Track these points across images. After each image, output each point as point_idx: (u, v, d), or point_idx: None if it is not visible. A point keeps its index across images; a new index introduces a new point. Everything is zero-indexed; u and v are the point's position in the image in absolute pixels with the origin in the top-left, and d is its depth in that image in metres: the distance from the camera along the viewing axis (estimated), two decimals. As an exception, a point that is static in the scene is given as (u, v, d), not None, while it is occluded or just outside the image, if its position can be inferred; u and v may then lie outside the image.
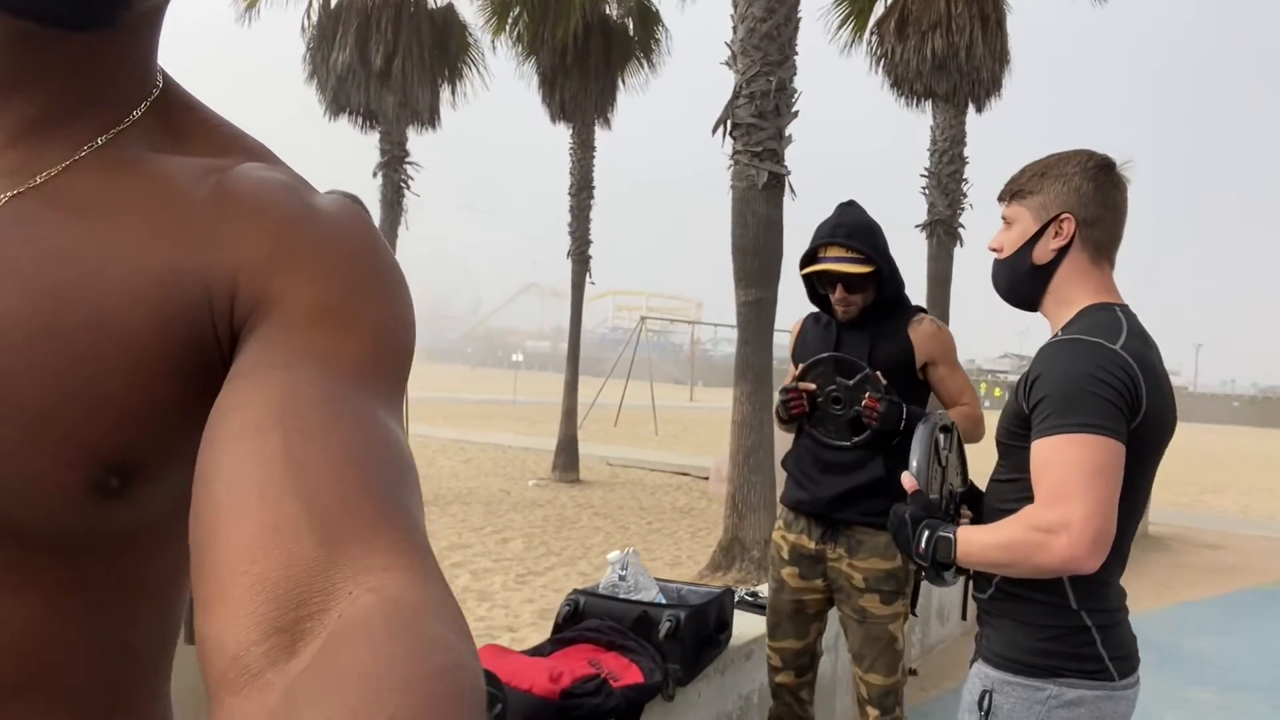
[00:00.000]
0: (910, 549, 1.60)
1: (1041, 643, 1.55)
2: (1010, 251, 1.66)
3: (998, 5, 11.21)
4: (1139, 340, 1.53)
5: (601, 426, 22.81)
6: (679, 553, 8.04)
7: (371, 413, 0.51)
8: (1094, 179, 1.62)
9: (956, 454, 1.84)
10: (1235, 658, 5.48)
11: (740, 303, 7.35)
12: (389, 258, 0.61)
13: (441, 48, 12.70)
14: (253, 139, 0.67)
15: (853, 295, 2.62)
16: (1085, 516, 1.38)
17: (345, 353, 0.53)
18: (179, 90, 0.66)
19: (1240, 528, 11.73)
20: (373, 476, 0.46)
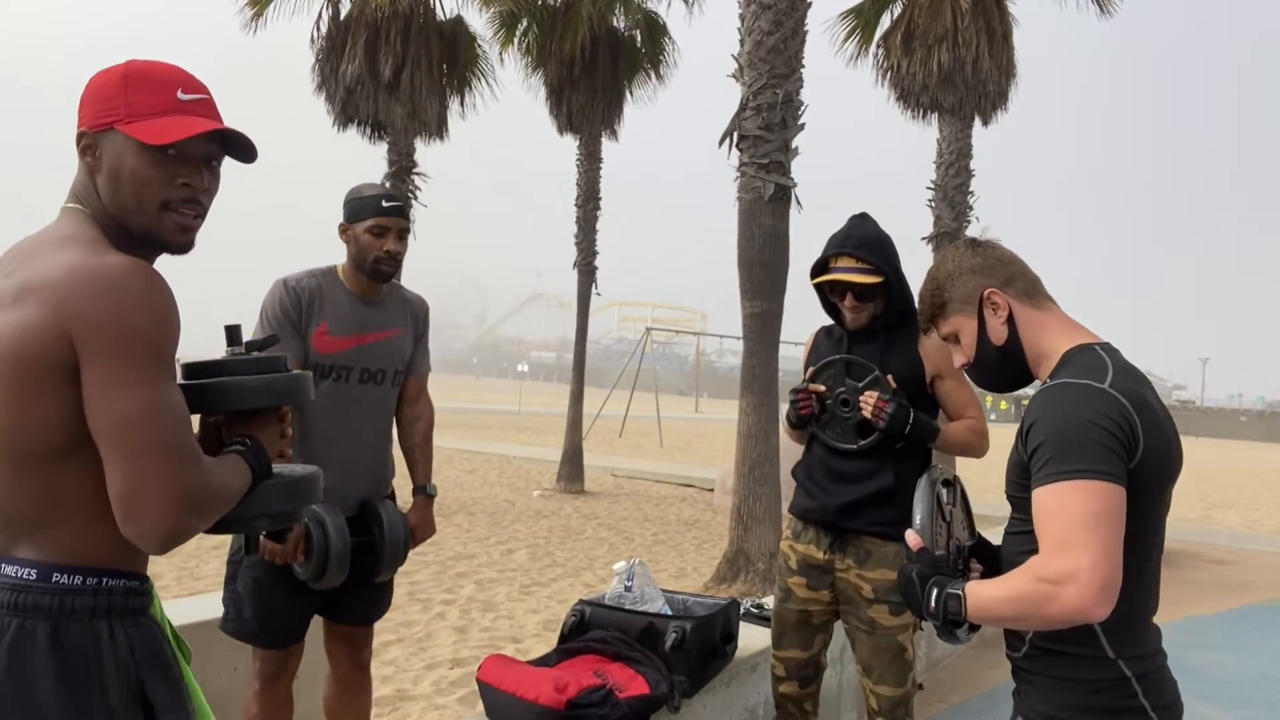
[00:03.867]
0: (921, 609, 1.59)
1: (1082, 698, 1.52)
2: (975, 352, 1.72)
3: (1004, 19, 11.23)
4: (1127, 377, 1.53)
5: (607, 437, 22.80)
6: (684, 564, 8.03)
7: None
8: (975, 254, 1.72)
9: (961, 507, 1.82)
10: (1242, 673, 5.45)
11: (746, 314, 7.36)
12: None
13: (450, 59, 12.75)
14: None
15: (862, 304, 2.65)
16: (1092, 565, 1.37)
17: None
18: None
19: (1247, 543, 11.67)
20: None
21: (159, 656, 1.37)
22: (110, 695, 1.29)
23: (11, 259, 1.35)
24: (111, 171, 1.36)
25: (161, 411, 1.25)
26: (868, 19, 12.08)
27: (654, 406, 27.13)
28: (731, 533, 7.24)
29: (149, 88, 1.38)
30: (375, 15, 11.89)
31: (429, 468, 2.85)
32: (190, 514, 1.26)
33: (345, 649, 2.76)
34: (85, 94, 1.40)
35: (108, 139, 1.37)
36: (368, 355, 2.63)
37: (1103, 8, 11.60)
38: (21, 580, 1.29)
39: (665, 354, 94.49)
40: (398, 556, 2.62)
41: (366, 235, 2.59)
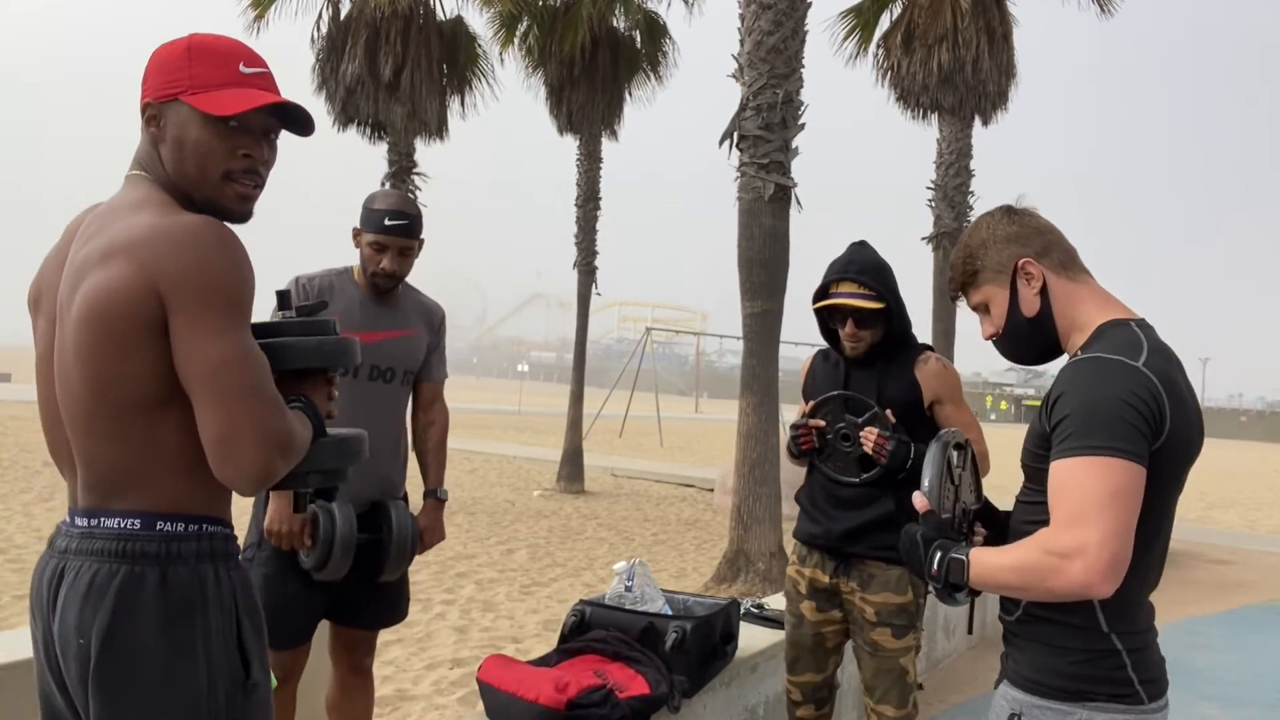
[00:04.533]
0: (923, 570, 1.59)
1: (1071, 666, 1.53)
2: (1004, 323, 1.67)
3: (1004, 19, 11.24)
4: (1161, 357, 1.51)
5: (607, 437, 22.80)
6: (684, 564, 8.03)
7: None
8: (1012, 222, 1.67)
9: (970, 471, 1.81)
10: (1242, 673, 5.46)
11: (746, 314, 7.36)
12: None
13: (450, 59, 12.75)
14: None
15: (862, 331, 2.66)
16: (1101, 541, 1.36)
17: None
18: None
19: (1248, 543, 11.68)
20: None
21: (253, 603, 1.44)
22: (212, 636, 1.36)
23: (89, 225, 1.40)
24: (175, 141, 1.41)
25: (247, 358, 1.32)
26: (868, 19, 12.09)
27: (654, 406, 27.13)
28: (731, 533, 7.24)
29: (212, 61, 1.42)
30: (375, 15, 11.89)
31: (441, 472, 2.86)
32: (279, 456, 1.32)
33: (347, 653, 2.75)
34: (149, 66, 1.44)
35: (172, 109, 1.41)
36: (378, 352, 2.64)
37: (1103, 7, 11.61)
38: (127, 530, 1.34)
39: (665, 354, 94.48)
40: (404, 557, 2.61)
41: (368, 249, 2.63)
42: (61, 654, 1.36)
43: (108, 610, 1.31)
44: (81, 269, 1.34)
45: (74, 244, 1.41)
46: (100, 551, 1.34)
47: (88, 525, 1.37)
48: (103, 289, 1.30)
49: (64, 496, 8.47)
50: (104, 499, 1.37)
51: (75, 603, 1.33)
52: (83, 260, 1.35)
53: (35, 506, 8.53)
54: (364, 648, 2.78)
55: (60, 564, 1.37)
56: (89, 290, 1.32)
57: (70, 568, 1.35)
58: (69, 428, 1.38)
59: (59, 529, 1.43)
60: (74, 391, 1.35)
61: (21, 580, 5.75)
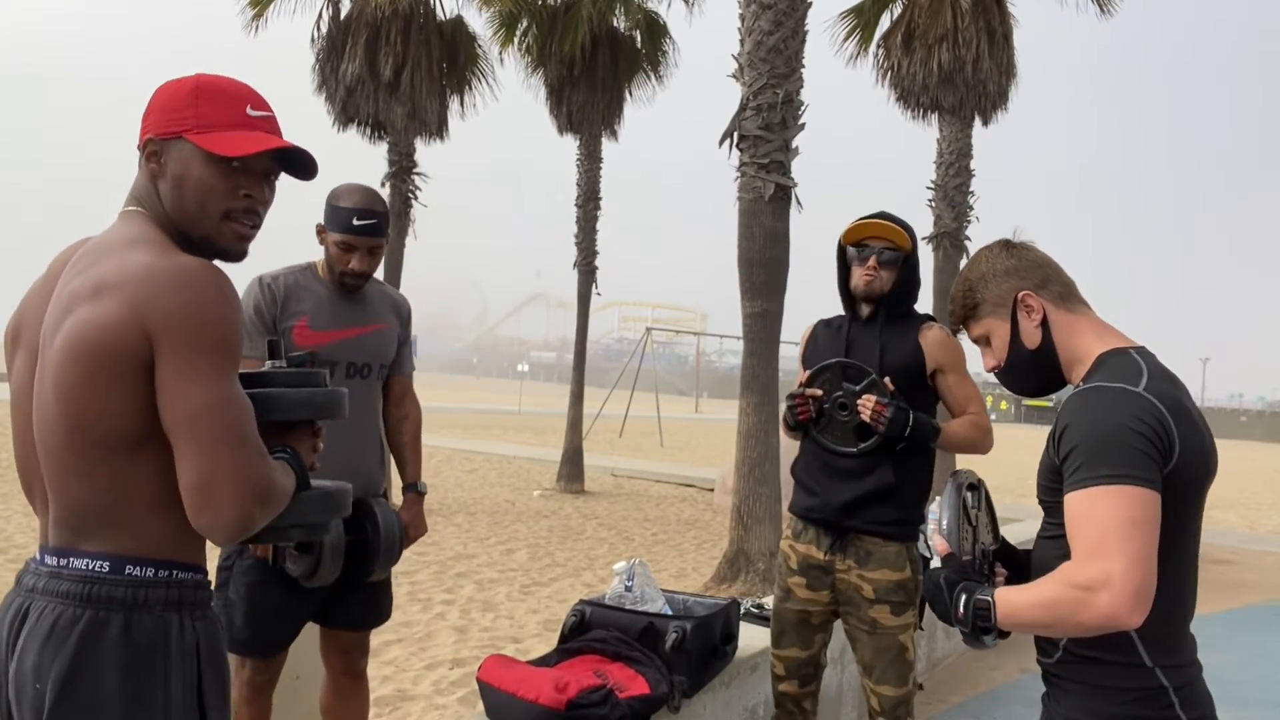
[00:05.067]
0: (950, 616, 1.57)
1: (1118, 707, 1.49)
2: (1006, 356, 1.69)
3: (1004, 19, 11.23)
4: (1163, 380, 1.50)
5: (607, 437, 22.80)
6: (684, 564, 8.03)
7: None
8: (1010, 256, 1.69)
9: (986, 511, 1.79)
10: (1243, 673, 5.45)
11: (746, 314, 7.36)
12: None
13: (450, 59, 12.74)
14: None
15: (883, 270, 2.67)
16: (1125, 571, 1.35)
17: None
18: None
19: (1248, 543, 11.67)
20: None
21: (218, 653, 1.41)
22: (173, 687, 1.33)
23: (80, 259, 1.38)
24: (176, 178, 1.41)
25: (232, 403, 1.30)
26: (868, 19, 12.08)
27: (654, 406, 27.13)
28: (731, 533, 7.24)
29: (219, 101, 1.43)
30: (375, 15, 11.89)
31: (419, 465, 2.83)
32: (257, 506, 1.29)
33: (341, 656, 2.71)
34: (153, 103, 1.44)
35: (175, 147, 1.41)
36: (353, 349, 2.60)
37: (1103, 7, 11.60)
38: (93, 573, 1.32)
39: (665, 354, 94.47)
40: (393, 554, 2.58)
41: (334, 248, 2.55)
42: (15, 699, 1.33)
43: (67, 656, 1.28)
44: (70, 302, 1.32)
45: (62, 277, 1.38)
46: (66, 594, 1.31)
47: (56, 564, 1.34)
48: (90, 324, 1.28)
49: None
50: (74, 538, 1.34)
51: (35, 646, 1.30)
52: (71, 294, 1.33)
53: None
54: (358, 650, 2.74)
55: (25, 603, 1.34)
56: (76, 324, 1.30)
57: (35, 608, 1.32)
58: (43, 464, 1.36)
59: (27, 566, 1.40)
60: (50, 427, 1.33)
61: (21, 580, 5.75)
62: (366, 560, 2.55)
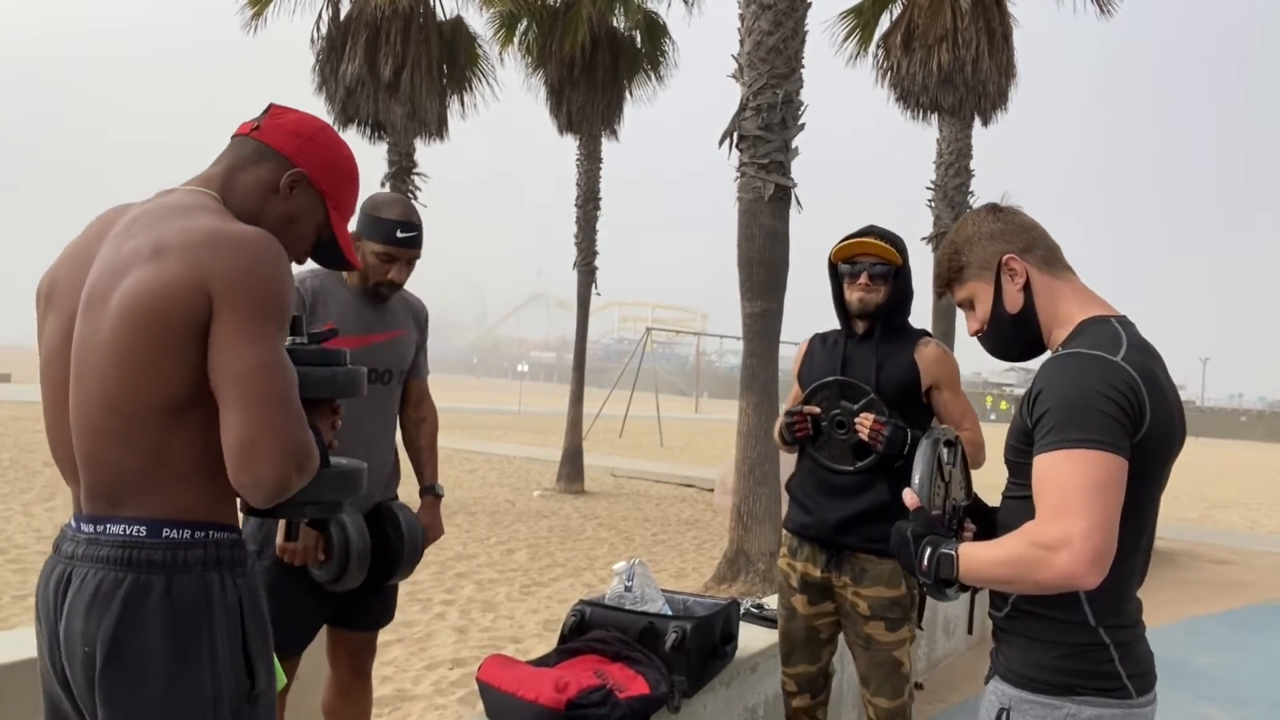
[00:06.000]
0: (913, 566, 1.60)
1: (1059, 660, 1.54)
2: (988, 319, 1.70)
3: (1004, 19, 11.24)
4: (1140, 352, 1.53)
5: (607, 437, 22.79)
6: (684, 564, 8.03)
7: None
8: (997, 219, 1.70)
9: (960, 468, 1.83)
10: (1243, 673, 5.45)
11: (746, 314, 7.36)
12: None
13: (450, 59, 12.75)
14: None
15: (875, 285, 2.68)
16: (1086, 532, 1.37)
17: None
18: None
19: (1249, 543, 11.67)
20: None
21: (259, 608, 1.44)
22: (218, 643, 1.36)
23: (135, 222, 1.40)
24: (292, 215, 1.52)
25: (282, 369, 1.33)
26: (867, 19, 12.08)
27: (654, 406, 27.13)
28: (731, 533, 7.24)
29: (353, 196, 1.62)
30: (375, 15, 11.89)
31: (435, 468, 2.86)
32: (296, 470, 1.32)
33: (349, 656, 2.73)
34: (319, 146, 1.54)
35: (312, 195, 1.53)
36: (376, 355, 2.61)
37: (1102, 8, 11.60)
38: (132, 537, 1.34)
39: (665, 354, 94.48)
40: (415, 557, 2.60)
41: (374, 258, 2.55)
42: (67, 660, 1.35)
43: (113, 618, 1.31)
44: (126, 264, 1.34)
45: (110, 240, 1.40)
46: (106, 559, 1.33)
47: (93, 531, 1.36)
48: (151, 285, 1.30)
49: (65, 497, 8.45)
50: (110, 505, 1.36)
51: (81, 609, 1.32)
52: (128, 255, 1.34)
53: (35, 506, 8.52)
54: (366, 651, 2.76)
55: (67, 569, 1.37)
56: (135, 285, 1.31)
57: (77, 574, 1.35)
58: (77, 428, 1.37)
59: (64, 533, 1.42)
60: (93, 389, 1.33)
61: (22, 581, 5.75)
62: (390, 564, 2.56)
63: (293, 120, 1.54)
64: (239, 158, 1.50)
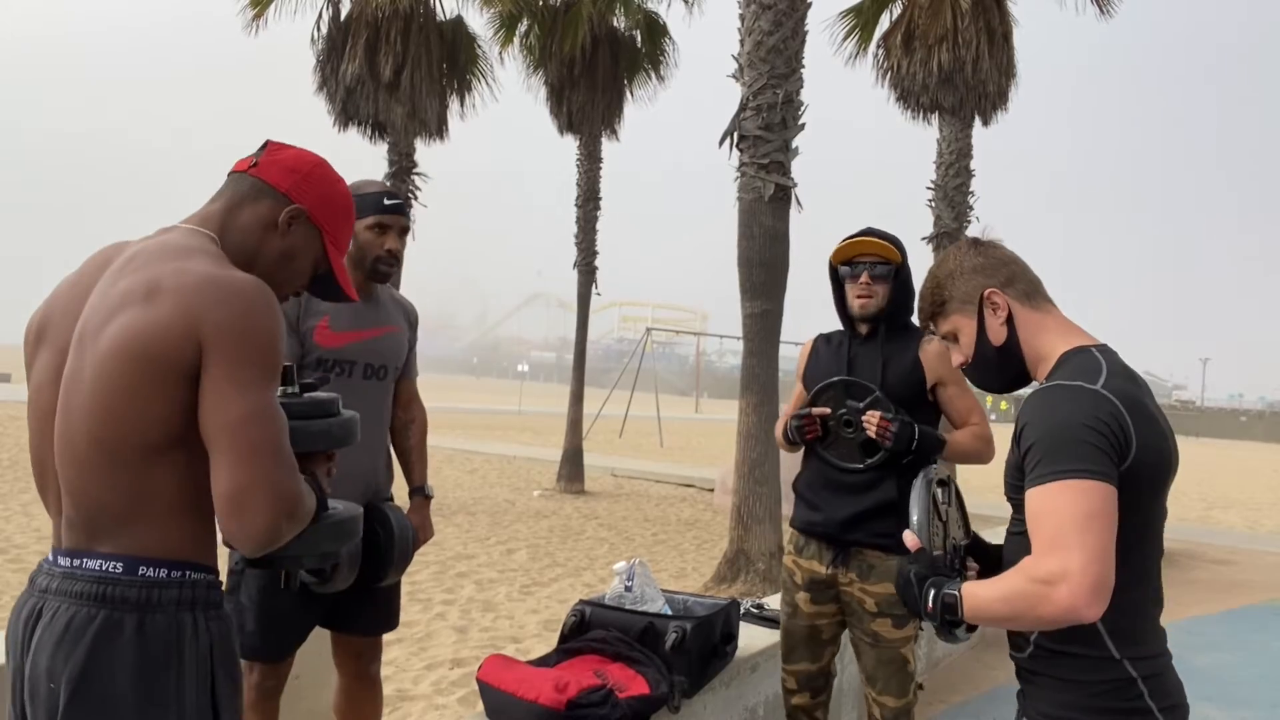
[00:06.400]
0: (919, 609, 1.59)
1: (1089, 699, 1.52)
2: (972, 352, 1.72)
3: (1004, 19, 11.23)
4: (1122, 379, 1.53)
5: (607, 437, 22.80)
6: (684, 564, 8.03)
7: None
8: (977, 254, 1.72)
9: (956, 507, 1.83)
10: (1242, 673, 5.46)
11: (746, 314, 7.36)
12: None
13: (450, 59, 12.75)
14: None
15: (875, 285, 2.69)
16: (1083, 565, 1.37)
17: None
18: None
19: (1248, 543, 11.67)
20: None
21: (231, 654, 1.42)
22: (186, 687, 1.34)
23: (131, 261, 1.40)
24: (290, 251, 1.54)
25: (272, 417, 1.32)
26: (867, 19, 12.08)
27: (654, 406, 27.13)
28: (731, 533, 7.24)
29: (348, 232, 1.64)
30: (375, 15, 11.89)
31: (425, 469, 2.84)
32: (287, 519, 1.31)
33: (353, 662, 2.72)
34: (316, 182, 1.55)
35: (310, 230, 1.55)
36: (370, 350, 2.61)
37: (1102, 8, 11.60)
38: (108, 574, 1.33)
39: (665, 354, 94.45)
40: (405, 559, 2.57)
41: (367, 233, 2.56)
42: (29, 698, 1.33)
43: (81, 656, 1.29)
44: (120, 303, 1.33)
45: (105, 277, 1.39)
46: (79, 594, 1.31)
47: (69, 565, 1.34)
48: (141, 325, 1.30)
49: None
50: (89, 539, 1.34)
51: (49, 645, 1.30)
52: (121, 294, 1.34)
53: (35, 506, 8.52)
54: (369, 654, 2.75)
55: (38, 604, 1.35)
56: (126, 324, 1.31)
57: (48, 608, 1.33)
58: (61, 462, 1.36)
59: (40, 567, 1.40)
60: (78, 425, 1.33)
61: (22, 581, 5.75)
62: (380, 565, 2.54)
63: (290, 156, 1.55)
64: (237, 194, 1.51)
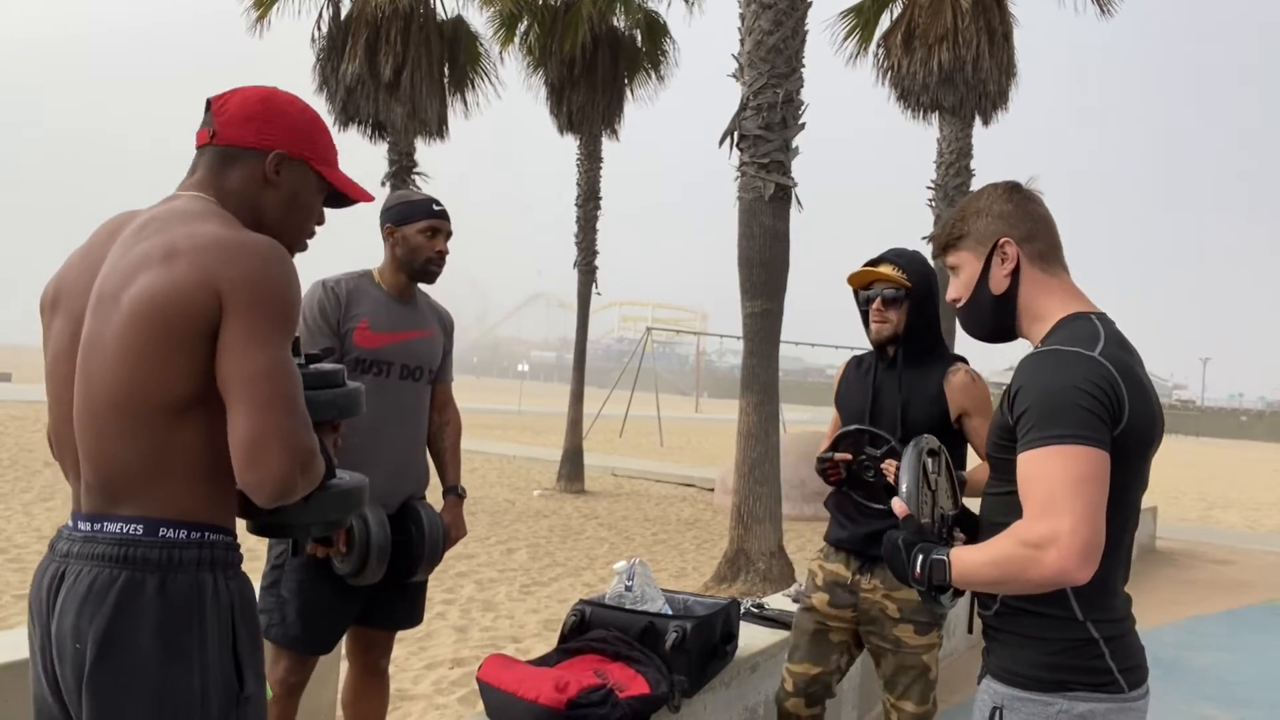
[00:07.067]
0: (907, 574, 1.61)
1: (1049, 656, 1.54)
2: (968, 293, 1.71)
3: (1005, 19, 11.24)
4: (1118, 347, 1.54)
5: (607, 437, 22.80)
6: (684, 564, 8.03)
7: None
8: (1010, 200, 1.69)
9: (946, 477, 1.85)
10: (1243, 673, 5.45)
11: (746, 314, 7.35)
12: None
13: (450, 59, 12.75)
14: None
15: (888, 312, 2.72)
16: (1073, 528, 1.38)
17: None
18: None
19: (1249, 543, 11.67)
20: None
21: (251, 612, 1.44)
22: (208, 644, 1.36)
23: (146, 226, 1.42)
24: (291, 196, 1.54)
25: (288, 372, 1.35)
26: (868, 18, 12.09)
27: (654, 406, 27.13)
28: (731, 532, 7.24)
29: (329, 139, 1.59)
30: (375, 15, 11.89)
31: (459, 470, 2.92)
32: (301, 472, 1.33)
33: (364, 653, 2.78)
34: (274, 118, 1.52)
35: (297, 168, 1.53)
36: (407, 351, 2.69)
37: (1102, 8, 11.61)
38: (129, 535, 1.35)
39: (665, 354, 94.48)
40: (436, 556, 2.65)
41: (419, 236, 2.68)
42: (58, 658, 1.35)
43: (105, 616, 1.31)
44: (137, 267, 1.35)
45: (120, 243, 1.41)
46: (101, 556, 1.34)
47: (90, 529, 1.37)
48: (162, 286, 1.32)
49: (64, 497, 8.46)
50: (108, 503, 1.37)
51: (73, 607, 1.33)
52: (139, 258, 1.36)
53: (35, 506, 8.52)
54: (380, 648, 2.80)
55: (60, 568, 1.37)
56: (146, 287, 1.33)
57: (70, 571, 1.35)
58: (81, 427, 1.38)
59: (60, 533, 1.43)
60: (99, 389, 1.35)
61: (22, 580, 5.75)
62: (411, 561, 2.61)
63: (237, 106, 1.51)
64: (214, 166, 1.50)
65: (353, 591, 2.55)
